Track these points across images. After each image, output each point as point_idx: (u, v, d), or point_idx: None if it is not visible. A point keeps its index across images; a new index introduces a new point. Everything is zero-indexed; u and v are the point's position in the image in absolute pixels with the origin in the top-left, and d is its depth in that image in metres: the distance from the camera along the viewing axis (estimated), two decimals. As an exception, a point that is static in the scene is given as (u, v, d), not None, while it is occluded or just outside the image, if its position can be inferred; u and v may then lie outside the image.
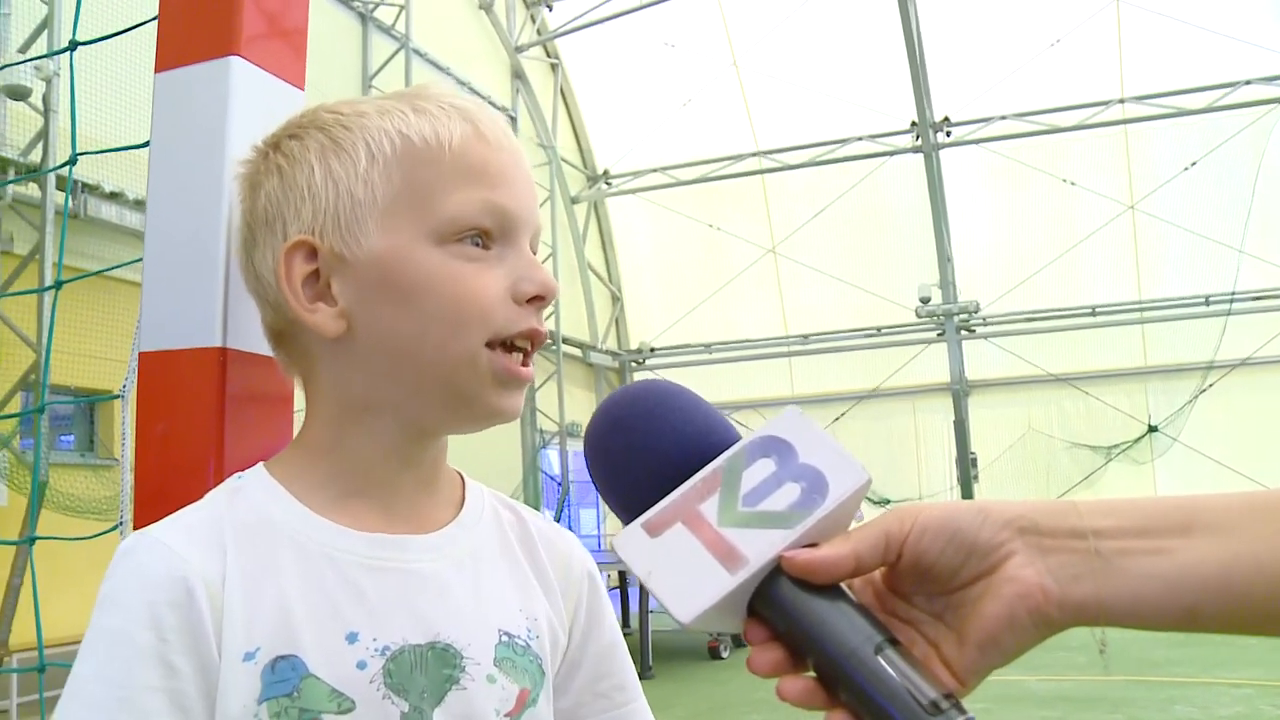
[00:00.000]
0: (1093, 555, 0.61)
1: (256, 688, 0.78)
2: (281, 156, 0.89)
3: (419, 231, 0.85)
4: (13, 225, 8.64)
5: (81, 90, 7.88)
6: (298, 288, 0.86)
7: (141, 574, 0.78)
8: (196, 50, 1.05)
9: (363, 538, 0.86)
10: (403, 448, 0.89)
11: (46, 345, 3.87)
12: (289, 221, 0.87)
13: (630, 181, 18.99)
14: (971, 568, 0.63)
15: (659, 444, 0.68)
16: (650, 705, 1.03)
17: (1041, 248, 16.84)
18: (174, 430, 1.01)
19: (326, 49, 12.89)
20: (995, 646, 0.62)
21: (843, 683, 0.61)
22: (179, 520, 0.84)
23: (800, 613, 0.62)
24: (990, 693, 7.48)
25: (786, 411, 0.67)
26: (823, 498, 0.63)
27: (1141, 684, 7.65)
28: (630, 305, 19.94)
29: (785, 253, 18.39)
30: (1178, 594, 0.60)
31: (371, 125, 0.87)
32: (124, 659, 0.76)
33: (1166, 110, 15.75)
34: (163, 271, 1.03)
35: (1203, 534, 0.60)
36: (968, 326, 17.37)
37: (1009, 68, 15.84)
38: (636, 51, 17.42)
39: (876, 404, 17.95)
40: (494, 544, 0.95)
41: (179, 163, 1.05)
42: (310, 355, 0.90)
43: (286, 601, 0.81)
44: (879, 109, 16.63)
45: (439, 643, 0.85)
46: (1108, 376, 16.78)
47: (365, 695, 0.80)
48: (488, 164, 0.87)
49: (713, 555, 0.63)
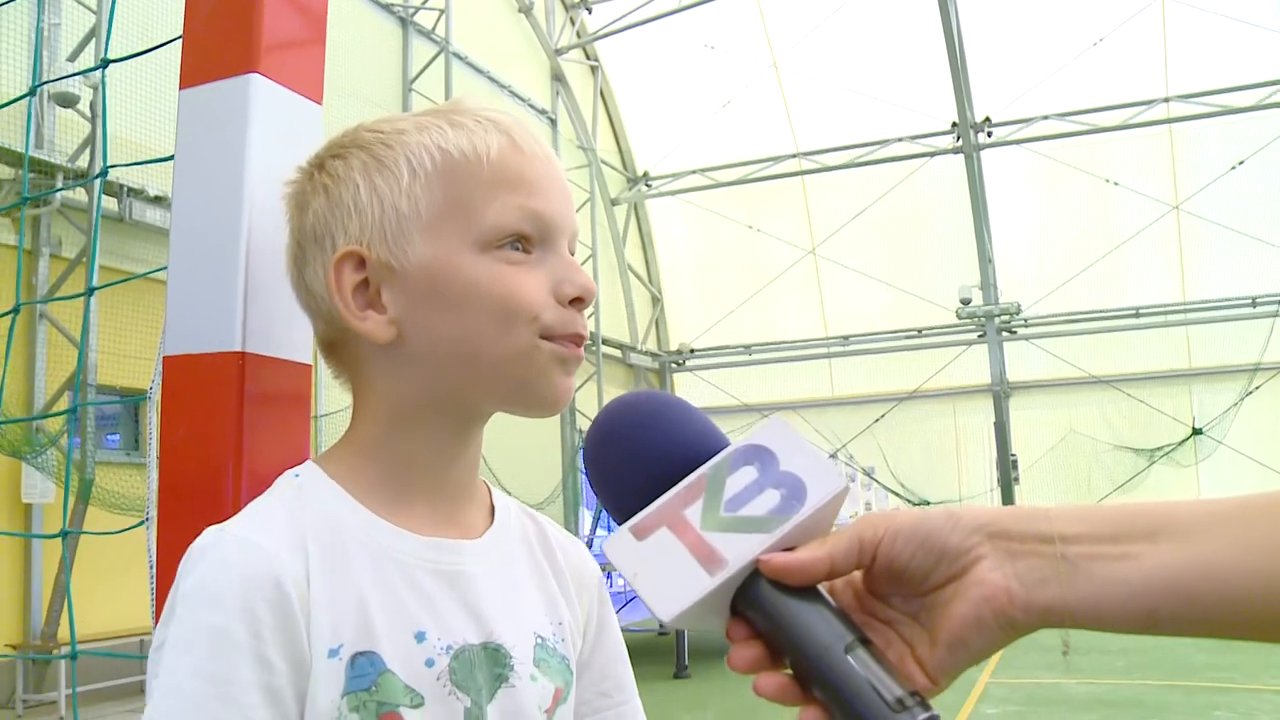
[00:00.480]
0: (1059, 560, 0.63)
1: (340, 682, 0.81)
2: (326, 176, 0.93)
3: (463, 240, 0.88)
4: (61, 229, 8.81)
5: (128, 97, 8.07)
6: (348, 297, 0.89)
7: (235, 571, 0.80)
8: (218, 68, 1.10)
9: (423, 541, 0.90)
10: (450, 443, 0.93)
11: (81, 347, 3.96)
12: (337, 237, 0.90)
13: (670, 183, 19.01)
14: (942, 571, 0.65)
15: (649, 452, 0.72)
16: (686, 705, 1.07)
17: (1084, 248, 16.69)
18: (195, 431, 1.05)
19: (367, 54, 13.00)
20: (964, 647, 0.65)
21: (815, 680, 0.63)
22: (260, 518, 0.86)
23: (777, 612, 0.65)
24: (1025, 695, 7.44)
25: (771, 420, 0.70)
26: (801, 504, 0.66)
27: (1179, 689, 7.57)
28: (670, 306, 19.96)
29: (825, 254, 18.34)
30: (1139, 599, 0.62)
31: (411, 142, 0.91)
32: (224, 655, 0.77)
33: (1212, 109, 15.55)
34: (186, 279, 1.08)
35: (1167, 540, 0.62)
36: (1009, 328, 17.24)
37: (1051, 67, 15.71)
38: (676, 53, 17.43)
39: (917, 406, 17.85)
40: (523, 551, 1.00)
41: (201, 175, 1.10)
42: (362, 363, 0.93)
43: (363, 600, 0.84)
44: (919, 109, 16.55)
45: (491, 643, 0.90)
46: (1151, 378, 16.60)
47: (433, 691, 0.85)
48: (524, 173, 0.90)
49: (694, 558, 0.66)
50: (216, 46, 1.12)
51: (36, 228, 8.66)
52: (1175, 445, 15.99)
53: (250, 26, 1.09)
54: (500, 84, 15.92)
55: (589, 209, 17.45)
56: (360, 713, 0.81)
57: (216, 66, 1.11)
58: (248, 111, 1.08)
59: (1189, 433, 16.06)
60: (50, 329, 8.51)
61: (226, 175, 1.07)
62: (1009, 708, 7.08)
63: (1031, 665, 8.83)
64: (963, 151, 16.76)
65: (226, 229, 1.06)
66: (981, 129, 16.72)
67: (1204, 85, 15.49)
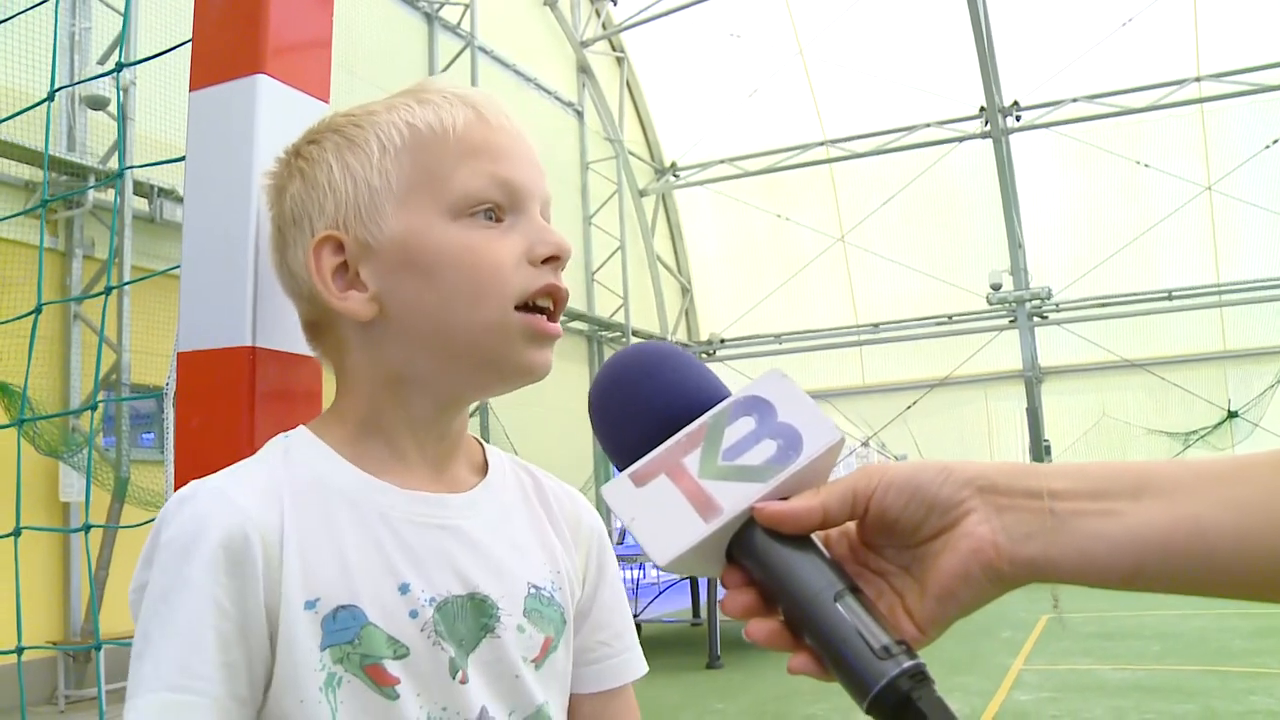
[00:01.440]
0: (1046, 514, 0.64)
1: (318, 635, 0.84)
2: (302, 160, 0.96)
3: (434, 209, 0.91)
4: (94, 231, 8.92)
5: (161, 99, 8.14)
6: (328, 279, 0.91)
7: (199, 520, 0.83)
8: (226, 70, 1.13)
9: (408, 495, 0.92)
10: (434, 420, 0.95)
11: (100, 341, 4.04)
12: (315, 218, 0.93)
13: (698, 173, 18.99)
14: (932, 523, 0.66)
15: (652, 402, 0.73)
16: (719, 695, 1.09)
17: (1115, 232, 16.54)
18: (209, 424, 1.08)
19: (393, 50, 13.05)
20: (952, 598, 0.66)
21: (805, 626, 0.65)
22: (237, 472, 0.90)
23: (770, 560, 0.67)
24: (1059, 681, 7.41)
25: (769, 373, 0.72)
26: (797, 454, 0.68)
27: (1216, 674, 7.50)
28: (699, 297, 19.95)
29: (854, 241, 18.27)
30: (1123, 554, 0.63)
31: (381, 120, 0.94)
32: (190, 604, 0.81)
33: (1245, 87, 15.38)
34: (197, 277, 1.11)
35: (1151, 498, 0.63)
36: (1040, 313, 17.11)
37: (1079, 48, 15.57)
38: (702, 43, 17.40)
39: (948, 392, 17.76)
40: (518, 503, 1.02)
41: (211, 175, 1.12)
42: (345, 342, 0.95)
43: (344, 555, 0.87)
44: (946, 94, 16.44)
45: (477, 594, 0.92)
46: (1185, 361, 16.44)
47: (418, 642, 0.87)
48: (490, 142, 0.93)
49: (691, 505, 0.67)
50: (224, 49, 1.14)
51: (70, 229, 8.77)
52: (1210, 429, 15.84)
53: (257, 28, 1.12)
54: (526, 77, 15.95)
55: (617, 200, 17.45)
56: (344, 664, 0.84)
57: (225, 68, 1.13)
58: (255, 111, 1.10)
59: (1224, 416, 15.91)
60: (84, 329, 8.62)
61: (235, 174, 1.10)
62: (1043, 694, 7.05)
63: (1066, 651, 8.78)
64: (991, 136, 16.64)
65: (236, 227, 1.08)
66: (1010, 113, 16.60)
67: (1235, 64, 15.31)
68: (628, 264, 17.32)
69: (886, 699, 0.61)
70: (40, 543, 8.20)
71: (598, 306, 17.05)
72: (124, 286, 8.31)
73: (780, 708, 7.16)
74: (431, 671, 0.88)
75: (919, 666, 0.62)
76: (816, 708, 7.04)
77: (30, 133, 7.90)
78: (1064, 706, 6.68)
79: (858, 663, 0.62)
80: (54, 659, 8.11)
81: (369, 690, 0.85)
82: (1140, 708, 6.59)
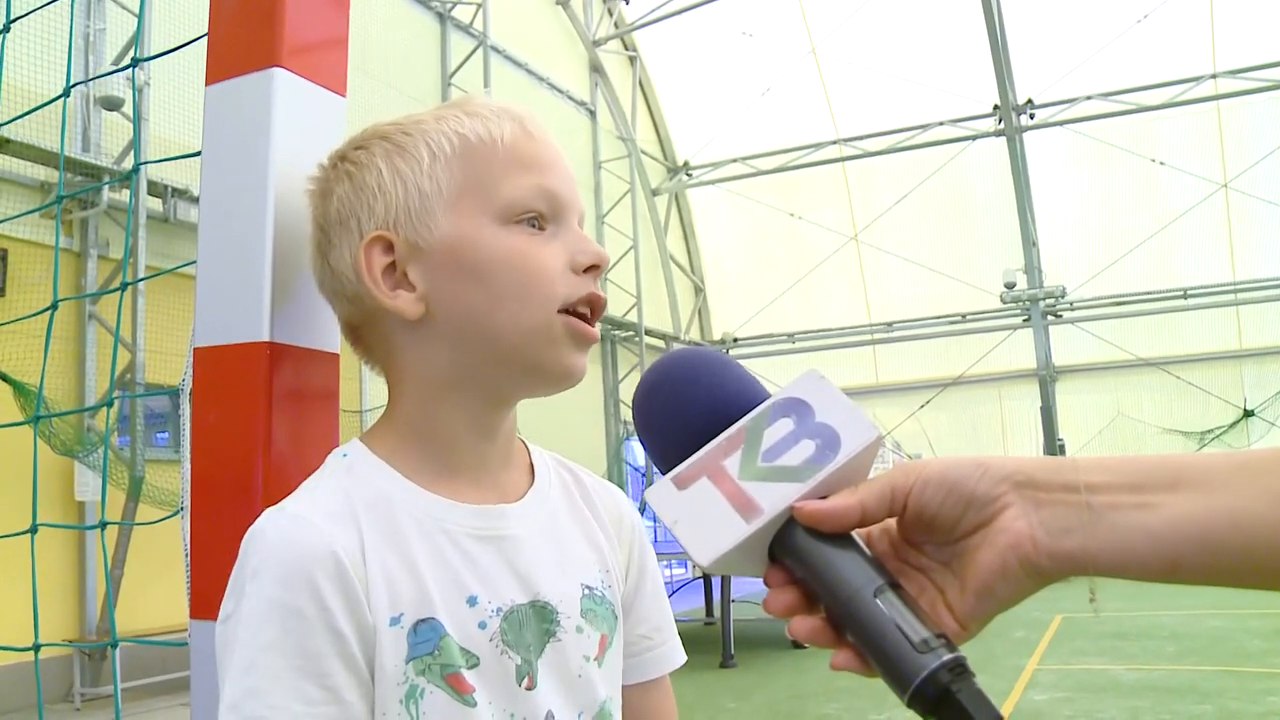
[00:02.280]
0: (1084, 509, 0.64)
1: (404, 649, 0.87)
2: (349, 164, 0.98)
3: (483, 214, 0.94)
4: (108, 231, 8.95)
5: (176, 100, 8.17)
6: (378, 277, 0.93)
7: (296, 548, 0.85)
8: (241, 63, 1.12)
9: (467, 509, 0.94)
10: (484, 419, 0.98)
11: (116, 337, 4.05)
12: (363, 219, 0.95)
13: (710, 172, 18.98)
14: (970, 519, 0.67)
15: (693, 406, 0.74)
16: (732, 694, 1.10)
17: (1130, 230, 16.48)
18: (225, 420, 1.07)
19: (406, 50, 13.08)
20: (990, 594, 0.66)
21: (846, 622, 0.66)
22: (312, 496, 0.91)
23: (811, 559, 0.68)
24: (1074, 682, 7.38)
25: (807, 374, 0.73)
26: (835, 454, 0.69)
27: (1234, 674, 7.46)
28: (713, 296, 19.94)
29: (867, 240, 18.24)
30: (1161, 547, 0.63)
31: (430, 129, 0.97)
32: (297, 631, 0.83)
33: (1262, 84, 15.29)
34: (214, 272, 1.10)
35: (1188, 490, 0.63)
36: (1054, 311, 17.06)
37: (1094, 46, 15.51)
38: (714, 41, 17.39)
39: (962, 391, 17.71)
40: (565, 505, 1.05)
41: (228, 169, 1.11)
42: (391, 342, 0.97)
43: (417, 570, 0.89)
44: (960, 93, 16.40)
45: (538, 601, 0.95)
46: (1201, 360, 16.37)
47: (487, 651, 0.91)
48: (534, 155, 0.97)
49: (732, 506, 0.68)
50: (240, 42, 1.13)
51: (85, 230, 8.80)
52: (1226, 428, 15.77)
53: (273, 22, 1.11)
54: (539, 77, 15.95)
55: (629, 199, 17.45)
56: (427, 675, 0.87)
57: (240, 62, 1.12)
58: (271, 105, 1.09)
59: (1240, 415, 15.83)
60: (99, 330, 8.65)
61: (252, 168, 1.09)
62: (1058, 694, 7.02)
63: (1081, 651, 8.75)
64: (1005, 134, 16.60)
65: (253, 221, 1.08)
66: (1024, 111, 16.55)
67: (1252, 60, 15.22)
68: (641, 263, 17.29)
69: (927, 691, 0.61)
70: (56, 542, 8.24)
71: (611, 306, 17.03)
72: (139, 284, 8.34)
73: (793, 707, 7.15)
74: (500, 679, 0.91)
75: (959, 660, 0.62)
76: (830, 707, 7.03)
77: (45, 133, 7.94)
78: (1079, 707, 6.65)
79: (898, 657, 0.63)
80: (70, 657, 8.14)
81: (451, 700, 0.88)
82: (1156, 708, 6.56)
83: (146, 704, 7.88)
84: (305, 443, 1.09)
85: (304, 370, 1.09)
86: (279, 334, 1.06)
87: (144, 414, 8.45)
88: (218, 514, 1.07)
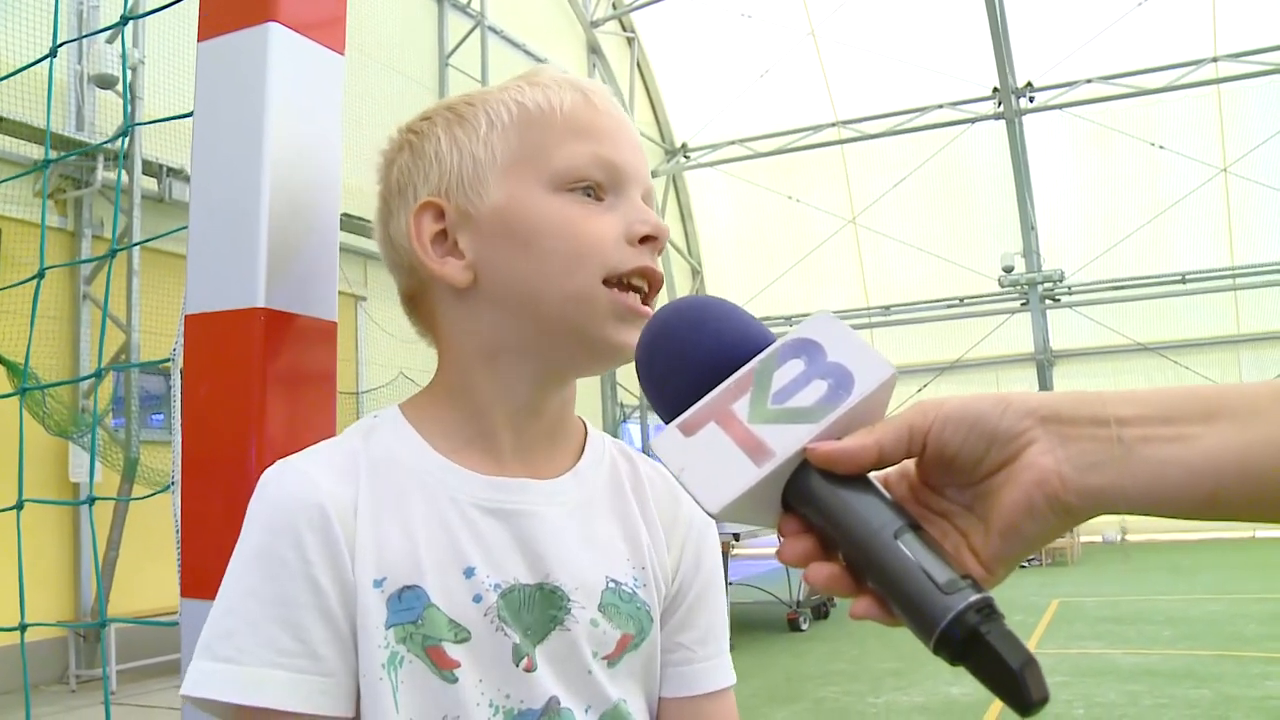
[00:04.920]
0: (1114, 443, 0.61)
1: (384, 613, 0.85)
2: (412, 134, 0.97)
3: (535, 181, 0.92)
4: (102, 210, 8.90)
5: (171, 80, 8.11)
6: (427, 244, 0.92)
7: (282, 498, 0.85)
8: (235, 19, 1.07)
9: (482, 480, 0.91)
10: (526, 393, 0.94)
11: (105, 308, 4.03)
12: (419, 187, 0.94)
13: (708, 154, 18.92)
14: (994, 457, 0.63)
15: (698, 352, 0.71)
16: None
17: (1129, 214, 16.45)
18: (217, 391, 1.03)
19: (404, 29, 13.02)
20: (1016, 534, 0.63)
21: (866, 566, 0.63)
22: (317, 452, 0.91)
23: (827, 503, 0.64)
24: (1071, 666, 7.37)
25: (817, 314, 0.69)
26: (848, 393, 0.65)
27: (1231, 659, 7.46)
28: (710, 278, 19.90)
29: (866, 223, 18.20)
30: (1198, 480, 0.60)
31: (491, 98, 0.96)
32: (278, 579, 0.82)
33: (1263, 67, 15.21)
34: (206, 236, 1.06)
35: (1226, 420, 0.60)
36: (1052, 296, 17.04)
37: (1094, 28, 15.44)
38: (713, 23, 17.33)
39: (960, 375, 17.71)
40: (608, 493, 1.00)
41: (221, 128, 1.07)
42: (439, 312, 0.96)
43: (412, 535, 0.87)
44: (959, 75, 16.34)
45: (547, 584, 0.91)
46: (1199, 345, 16.37)
47: (480, 627, 0.87)
48: (594, 124, 0.94)
49: (742, 450, 0.65)
50: (234, -4, 1.08)
51: (79, 209, 8.75)
52: (1224, 412, 15.75)
53: (267, -26, 1.06)
54: (536, 57, 15.88)
55: (626, 182, 17.38)
56: (407, 644, 0.85)
57: (234, 17, 1.08)
58: (266, 61, 1.05)
59: (1238, 400, 15.82)
60: (93, 310, 8.61)
61: (246, 127, 1.04)
62: (1056, 678, 7.01)
63: (1079, 636, 8.75)
64: (1004, 117, 16.54)
65: (247, 182, 1.03)
66: (1023, 94, 16.48)
67: (1253, 43, 15.15)
68: (637, 246, 17.24)
69: (954, 634, 0.58)
70: (50, 522, 8.21)
71: (607, 288, 16.99)
72: (132, 263, 8.29)
73: (791, 690, 7.14)
74: (493, 657, 0.88)
75: (988, 600, 0.59)
76: (827, 690, 7.02)
77: (37, 111, 7.87)
78: (1077, 691, 6.65)
79: (922, 599, 0.59)
80: (65, 639, 8.12)
81: (429, 671, 0.85)
82: (1154, 692, 6.56)
83: (144, 685, 7.87)
84: (300, 414, 1.05)
85: (300, 339, 1.05)
86: (274, 300, 1.02)
87: (139, 395, 8.41)
88: (209, 490, 1.03)
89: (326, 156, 1.10)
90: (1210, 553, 15.07)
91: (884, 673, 7.38)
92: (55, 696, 7.84)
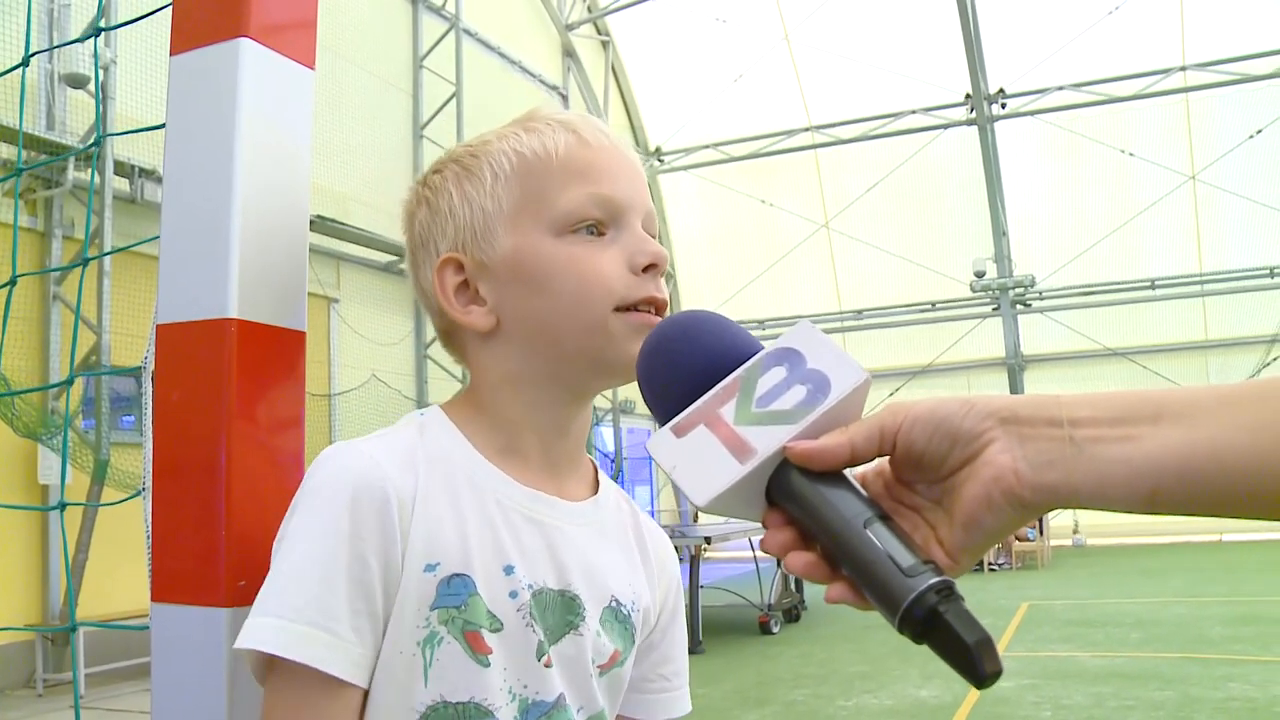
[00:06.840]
0: (1067, 442, 0.66)
1: (431, 595, 0.91)
2: (428, 190, 1.05)
3: (539, 227, 0.99)
4: (73, 211, 8.84)
5: (137, 80, 8.06)
6: (450, 296, 1.01)
7: (347, 474, 0.91)
8: (207, 33, 1.08)
9: (523, 490, 1.00)
10: (553, 413, 1.03)
11: (74, 323, 4.02)
12: (438, 242, 1.03)
13: (682, 158, 18.97)
14: (957, 455, 0.69)
15: (692, 362, 0.79)
16: (700, 679, 1.12)
17: (1099, 220, 16.60)
18: (189, 398, 1.04)
19: (377, 32, 12.98)
20: (977, 526, 0.69)
21: (839, 554, 0.69)
22: (380, 439, 0.97)
23: (805, 497, 0.71)
24: (1039, 668, 7.44)
25: (799, 324, 0.76)
26: (825, 396, 0.72)
27: (1196, 661, 7.55)
28: (683, 282, 19.92)
29: (838, 228, 18.28)
30: (1141, 478, 0.64)
31: (493, 149, 1.03)
32: (329, 544, 0.88)
33: (1230, 76, 15.42)
34: (178, 247, 1.07)
35: (1170, 423, 0.65)
36: (1023, 301, 17.18)
37: (1065, 37, 15.59)
38: (687, 27, 17.37)
39: (931, 379, 17.81)
40: (616, 527, 1.10)
41: (193, 141, 1.08)
42: (470, 350, 1.04)
43: (462, 528, 0.94)
44: (932, 81, 16.46)
45: (568, 591, 0.99)
46: (1167, 350, 16.53)
47: (513, 620, 0.95)
48: (591, 163, 1.01)
49: (727, 449, 0.72)
50: (206, 12, 1.10)
51: (49, 209, 8.69)
52: (1191, 417, 15.89)
53: (239, -10, 1.07)
54: (511, 60, 15.87)
55: (601, 185, 17.38)
56: (449, 626, 0.92)
57: (207, 32, 1.09)
58: (238, 76, 1.06)
59: (1205, 405, 15.96)
60: (64, 311, 8.55)
61: (218, 140, 1.06)
62: (1024, 680, 7.07)
63: (1047, 638, 8.82)
64: (976, 123, 16.67)
65: (218, 195, 1.04)
66: (995, 100, 16.62)
67: (1221, 53, 15.35)
68: (612, 249, 17.26)
69: (915, 612, 0.64)
70: (18, 526, 8.15)
71: (582, 291, 16.98)
72: (104, 267, 8.23)
73: (762, 692, 7.17)
74: (521, 650, 0.95)
75: (946, 582, 0.65)
76: (798, 693, 7.05)
77: (8, 110, 7.81)
78: (1044, 693, 6.71)
79: (887, 582, 0.65)
80: (32, 642, 8.06)
81: (465, 654, 0.92)
82: (1120, 694, 6.62)
83: (113, 688, 7.83)
84: (270, 422, 1.06)
85: (270, 349, 1.06)
86: (245, 311, 1.03)
87: (109, 397, 8.35)
88: (180, 495, 1.04)
89: (297, 169, 1.12)
90: (1178, 555, 15.22)
91: (854, 675, 7.42)
92: (21, 701, 7.78)
